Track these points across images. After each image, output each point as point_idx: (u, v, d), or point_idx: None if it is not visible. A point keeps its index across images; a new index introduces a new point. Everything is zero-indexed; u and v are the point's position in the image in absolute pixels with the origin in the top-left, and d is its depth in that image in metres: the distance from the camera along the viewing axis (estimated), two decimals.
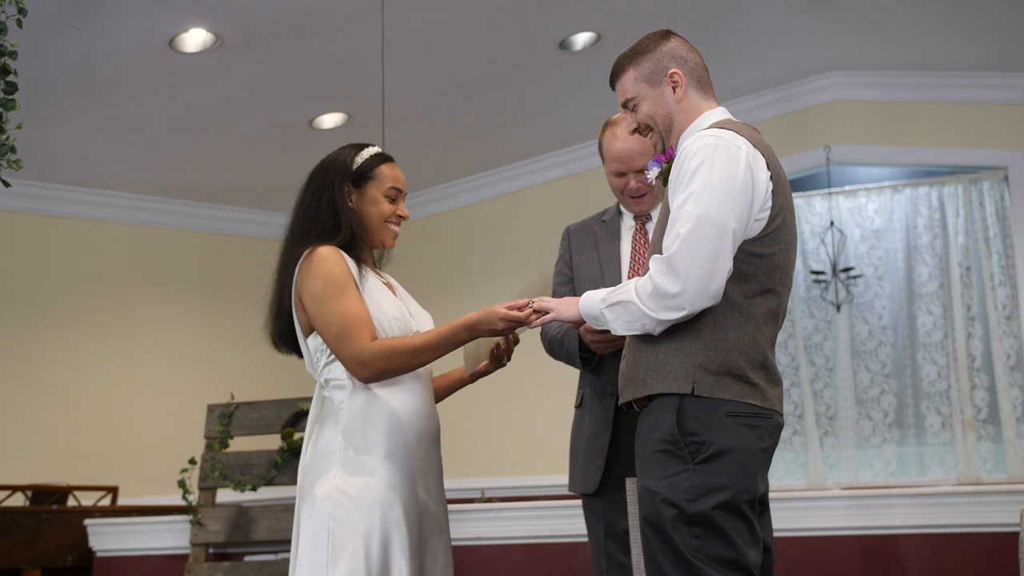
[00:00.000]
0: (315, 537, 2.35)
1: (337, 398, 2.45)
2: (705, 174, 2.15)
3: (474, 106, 5.84)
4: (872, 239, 6.10)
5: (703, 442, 2.12)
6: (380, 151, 2.61)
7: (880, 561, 4.05)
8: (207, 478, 4.54)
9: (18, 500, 5.36)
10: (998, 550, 3.91)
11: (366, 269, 2.53)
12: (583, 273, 2.93)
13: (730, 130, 2.23)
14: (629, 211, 2.95)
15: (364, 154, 2.58)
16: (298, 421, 4.49)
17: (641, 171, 2.79)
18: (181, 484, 4.49)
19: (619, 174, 2.87)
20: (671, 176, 2.26)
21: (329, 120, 5.78)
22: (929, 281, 5.93)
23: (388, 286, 2.59)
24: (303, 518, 2.39)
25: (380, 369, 2.38)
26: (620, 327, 2.20)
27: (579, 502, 3.01)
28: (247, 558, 4.46)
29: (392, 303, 2.51)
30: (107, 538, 4.72)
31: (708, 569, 2.07)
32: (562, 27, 5.03)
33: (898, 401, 5.93)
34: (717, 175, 2.14)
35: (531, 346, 3.29)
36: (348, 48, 4.95)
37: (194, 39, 4.75)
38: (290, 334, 2.54)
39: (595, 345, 2.68)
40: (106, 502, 5.54)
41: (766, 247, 2.20)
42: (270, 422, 4.56)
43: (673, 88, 2.34)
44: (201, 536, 4.45)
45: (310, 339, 2.49)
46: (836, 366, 6.00)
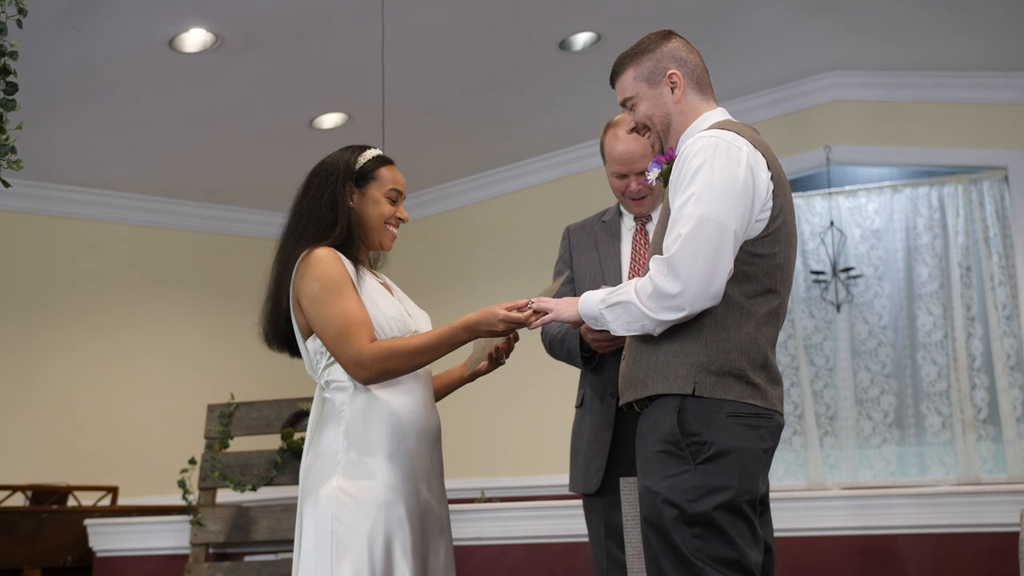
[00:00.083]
0: (318, 538, 2.34)
1: (338, 400, 2.44)
2: (706, 175, 2.15)
3: (474, 106, 5.83)
4: (872, 239, 6.10)
5: (704, 442, 2.12)
6: (381, 153, 2.62)
7: (880, 561, 4.05)
8: (207, 478, 4.54)
9: (18, 500, 5.36)
10: (998, 550, 3.91)
11: (363, 270, 2.52)
12: (583, 273, 2.92)
13: (730, 131, 2.23)
14: (630, 212, 2.95)
15: (366, 155, 2.59)
16: (298, 421, 4.49)
17: (642, 173, 2.79)
18: (181, 484, 4.49)
19: (620, 176, 2.86)
20: (672, 177, 2.25)
21: (329, 120, 5.78)
22: (929, 281, 5.93)
23: (385, 286, 2.59)
24: (306, 519, 2.39)
25: (379, 370, 2.38)
26: (620, 328, 2.20)
27: (579, 502, 3.01)
28: (247, 558, 4.46)
29: (391, 304, 2.51)
30: (107, 538, 4.72)
31: (709, 569, 2.07)
32: (562, 27, 5.03)
33: (898, 401, 5.93)
34: (718, 176, 2.14)
35: (531, 346, 3.30)
36: (348, 48, 4.95)
37: (194, 39, 4.75)
38: (285, 333, 2.54)
39: (596, 344, 2.67)
40: (106, 502, 5.54)
41: (767, 247, 2.21)
42: (270, 422, 4.56)
43: (671, 89, 2.34)
44: (201, 536, 4.45)
45: (309, 341, 2.48)
46: (836, 366, 6.00)
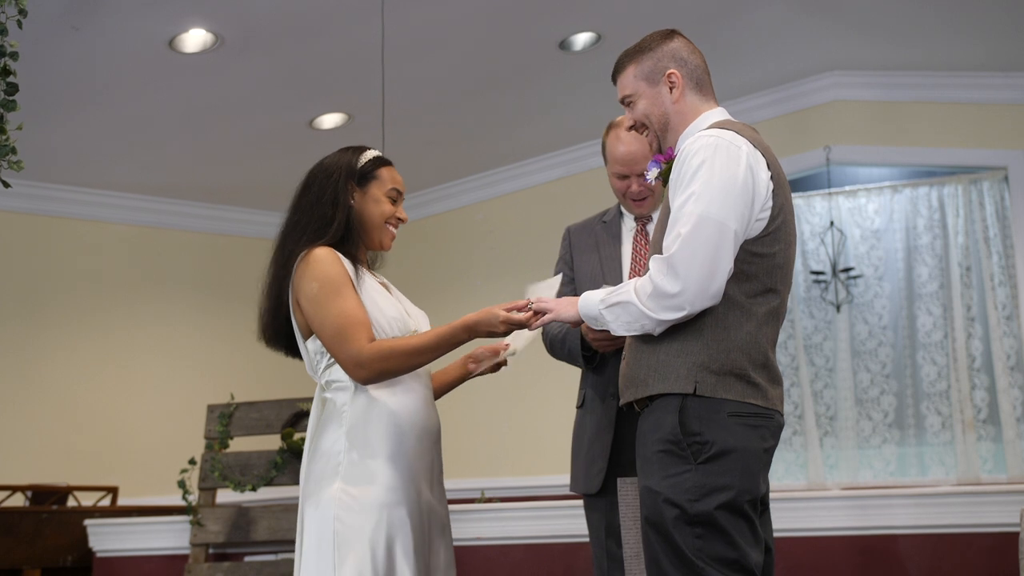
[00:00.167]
0: (320, 538, 2.34)
1: (339, 400, 2.44)
2: (706, 174, 2.15)
3: (474, 106, 5.83)
4: (872, 239, 6.10)
5: (705, 442, 2.12)
6: (380, 154, 2.62)
7: (880, 561, 4.05)
8: (207, 478, 4.54)
9: (18, 500, 5.36)
10: (998, 550, 3.91)
11: (363, 270, 2.52)
12: (584, 274, 2.93)
13: (730, 130, 2.23)
14: (630, 213, 2.95)
15: (367, 155, 2.59)
16: (298, 421, 4.49)
17: (643, 174, 2.79)
18: (181, 484, 4.49)
19: (621, 176, 2.86)
20: (671, 176, 2.26)
21: (329, 120, 5.77)
22: (929, 281, 5.93)
23: (383, 286, 2.59)
24: (307, 519, 2.39)
25: (378, 370, 2.37)
26: (619, 328, 2.20)
27: (580, 502, 3.01)
28: (247, 558, 4.46)
29: (390, 303, 2.51)
30: (107, 538, 4.72)
31: (710, 569, 2.07)
32: (562, 27, 5.03)
33: (898, 401, 5.93)
34: (718, 175, 2.14)
35: (532, 346, 3.29)
36: (348, 48, 4.95)
37: (194, 39, 4.74)
38: (284, 332, 2.54)
39: (597, 343, 2.67)
40: (106, 502, 5.54)
41: (767, 247, 2.21)
42: (270, 422, 4.55)
43: (670, 88, 2.34)
44: (201, 536, 4.45)
45: (309, 342, 2.48)
46: (836, 366, 6.00)
